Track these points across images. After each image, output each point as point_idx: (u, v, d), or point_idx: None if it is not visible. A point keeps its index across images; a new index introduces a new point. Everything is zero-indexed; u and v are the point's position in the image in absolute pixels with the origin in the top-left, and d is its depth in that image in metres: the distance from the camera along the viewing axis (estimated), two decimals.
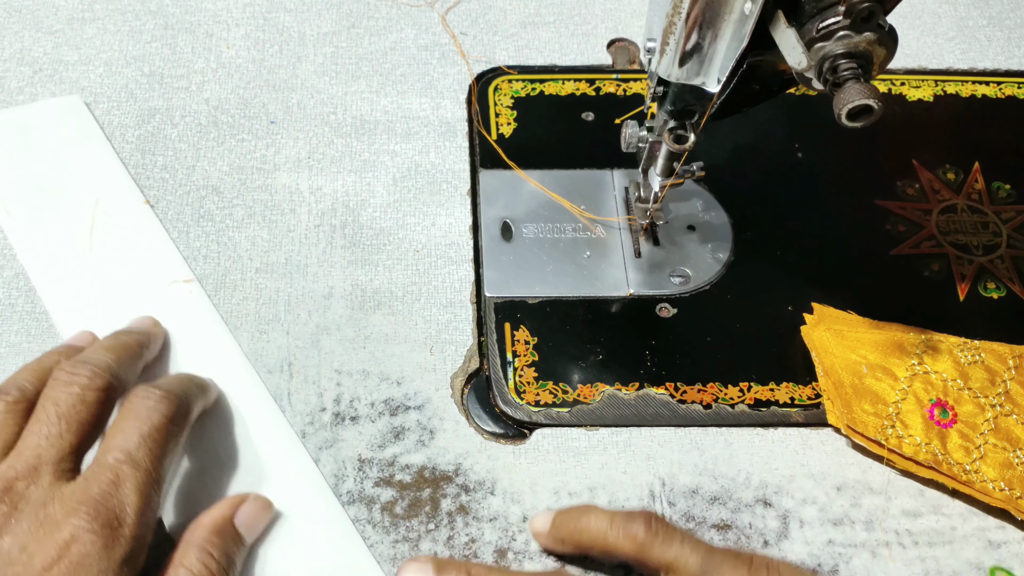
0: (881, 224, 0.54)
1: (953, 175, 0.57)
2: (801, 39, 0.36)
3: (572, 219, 0.53)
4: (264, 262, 0.51)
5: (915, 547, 0.44)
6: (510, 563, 0.42)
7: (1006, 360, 0.47)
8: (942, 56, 0.62)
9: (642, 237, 0.53)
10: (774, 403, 0.48)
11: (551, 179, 0.55)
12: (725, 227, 0.54)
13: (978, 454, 0.45)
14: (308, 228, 0.52)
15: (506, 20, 0.62)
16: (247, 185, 0.54)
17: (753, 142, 0.57)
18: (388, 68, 0.59)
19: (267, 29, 0.61)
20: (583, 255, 0.52)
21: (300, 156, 0.55)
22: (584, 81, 0.59)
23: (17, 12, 0.60)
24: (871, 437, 0.45)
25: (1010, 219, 0.55)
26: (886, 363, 0.47)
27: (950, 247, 0.54)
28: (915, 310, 0.50)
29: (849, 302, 0.50)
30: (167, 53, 0.59)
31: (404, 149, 0.56)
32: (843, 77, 0.36)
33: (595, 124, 0.58)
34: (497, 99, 0.58)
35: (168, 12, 0.61)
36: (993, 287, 0.52)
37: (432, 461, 0.45)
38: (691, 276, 0.52)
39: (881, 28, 0.36)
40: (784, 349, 0.49)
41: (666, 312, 0.51)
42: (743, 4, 0.37)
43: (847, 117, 0.36)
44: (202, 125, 0.56)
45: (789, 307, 0.51)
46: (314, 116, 0.57)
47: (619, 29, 0.62)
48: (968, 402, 0.46)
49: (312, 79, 0.58)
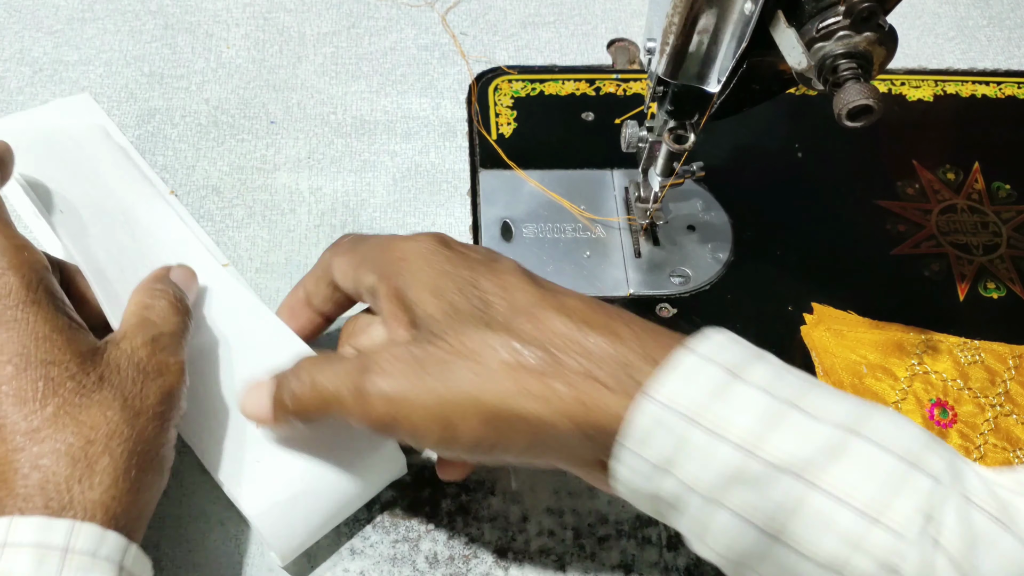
0: (881, 224, 0.54)
1: (953, 175, 0.57)
2: (801, 39, 0.36)
3: (572, 219, 0.53)
4: (264, 262, 0.51)
5: None
6: (510, 563, 0.42)
7: (1006, 360, 0.47)
8: (942, 56, 0.62)
9: (642, 237, 0.53)
10: None
11: (551, 179, 0.55)
12: (725, 227, 0.54)
13: (978, 454, 0.45)
14: (308, 228, 0.52)
15: (506, 20, 0.62)
16: (247, 185, 0.54)
17: (753, 142, 0.57)
18: (388, 68, 0.59)
19: (267, 29, 0.61)
20: (583, 255, 0.52)
21: (300, 156, 0.55)
22: (584, 81, 0.59)
23: (17, 12, 0.60)
24: None
25: (1010, 219, 0.55)
26: (886, 363, 0.47)
27: (950, 247, 0.54)
28: (915, 310, 0.50)
29: (849, 302, 0.50)
30: (167, 53, 0.59)
31: (404, 149, 0.56)
32: (843, 77, 0.36)
33: (595, 124, 0.58)
34: (497, 99, 0.58)
35: (168, 12, 0.61)
36: (993, 287, 0.52)
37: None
38: (691, 276, 0.52)
39: (881, 28, 0.36)
40: (784, 349, 0.49)
41: (666, 312, 0.51)
42: (743, 4, 0.37)
43: (847, 117, 0.36)
44: (202, 125, 0.56)
45: (789, 307, 0.51)
46: (314, 116, 0.57)
47: (619, 29, 0.62)
48: (968, 402, 0.46)
49: (312, 79, 0.58)
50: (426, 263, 0.36)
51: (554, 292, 0.35)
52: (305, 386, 0.36)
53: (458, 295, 0.35)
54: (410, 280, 0.36)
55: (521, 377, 0.32)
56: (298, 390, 0.36)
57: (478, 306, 0.35)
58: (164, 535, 0.42)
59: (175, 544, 0.42)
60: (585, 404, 0.32)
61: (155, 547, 0.41)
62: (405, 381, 0.34)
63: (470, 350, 0.33)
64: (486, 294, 0.35)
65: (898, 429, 0.31)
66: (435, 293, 0.35)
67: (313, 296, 0.42)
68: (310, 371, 0.36)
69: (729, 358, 0.32)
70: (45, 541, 0.31)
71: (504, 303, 0.35)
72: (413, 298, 0.36)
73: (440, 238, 0.38)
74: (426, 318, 0.35)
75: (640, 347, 0.33)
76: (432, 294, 0.35)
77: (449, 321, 0.34)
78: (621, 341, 0.33)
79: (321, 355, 0.38)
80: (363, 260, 0.38)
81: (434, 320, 0.35)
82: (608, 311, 0.35)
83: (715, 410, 0.30)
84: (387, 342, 0.36)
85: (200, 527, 0.42)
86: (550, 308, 0.34)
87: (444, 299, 0.35)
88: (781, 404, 0.31)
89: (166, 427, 0.36)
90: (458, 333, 0.34)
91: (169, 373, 0.37)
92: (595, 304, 0.35)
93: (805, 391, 0.31)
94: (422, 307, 0.35)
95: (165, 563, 0.41)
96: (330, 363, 0.36)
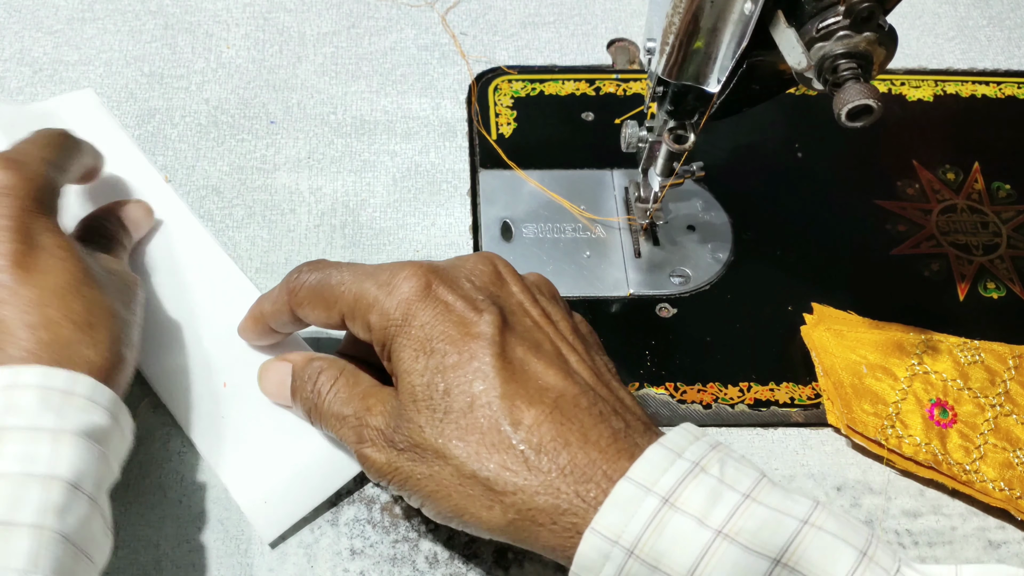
0: (881, 224, 0.54)
1: (953, 175, 0.57)
2: (801, 39, 0.36)
3: (572, 219, 0.53)
4: (264, 262, 0.51)
5: (915, 547, 0.44)
6: (510, 563, 0.42)
7: (1006, 360, 0.47)
8: (942, 56, 0.62)
9: (642, 237, 0.53)
10: (774, 403, 0.48)
11: (551, 179, 0.55)
12: (725, 227, 0.54)
13: (978, 454, 0.45)
14: (308, 228, 0.52)
15: (506, 20, 0.62)
16: (247, 185, 0.54)
17: (753, 142, 0.57)
18: (388, 68, 0.59)
19: (267, 29, 0.61)
20: (583, 255, 0.52)
21: (300, 156, 0.55)
22: (584, 81, 0.59)
23: (17, 12, 0.60)
24: (871, 437, 0.45)
25: (1010, 219, 0.55)
26: (886, 363, 0.47)
27: (950, 247, 0.54)
28: (915, 310, 0.50)
29: (849, 302, 0.50)
30: (167, 53, 0.59)
31: (404, 149, 0.56)
32: (843, 77, 0.36)
33: (595, 124, 0.58)
34: (497, 99, 0.58)
35: (168, 12, 0.61)
36: (993, 287, 0.52)
37: None
38: (691, 276, 0.52)
39: (881, 28, 0.36)
40: (784, 349, 0.49)
41: (666, 312, 0.51)
42: (743, 4, 0.37)
43: (847, 117, 0.36)
44: (202, 125, 0.56)
45: (789, 307, 0.51)
46: (314, 116, 0.57)
47: (619, 29, 0.62)
48: (968, 402, 0.46)
49: (312, 79, 0.58)
50: (415, 326, 0.37)
51: (519, 382, 0.36)
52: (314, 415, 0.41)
53: (426, 379, 0.36)
54: (402, 344, 0.37)
55: (474, 491, 0.35)
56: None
57: (441, 396, 0.36)
58: (164, 535, 0.42)
59: (175, 544, 0.42)
60: (533, 522, 0.34)
61: (155, 547, 0.41)
62: (386, 460, 0.37)
63: (426, 459, 0.36)
64: (450, 386, 0.36)
65: (826, 559, 0.32)
66: (410, 371, 0.37)
67: (270, 321, 0.43)
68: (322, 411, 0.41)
69: (669, 481, 0.33)
70: (48, 384, 0.35)
71: (462, 399, 0.36)
72: (398, 368, 0.38)
73: (425, 284, 0.38)
74: (404, 397, 0.37)
75: (588, 466, 0.34)
76: (408, 371, 0.37)
77: (416, 413, 0.36)
78: (569, 455, 0.34)
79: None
80: (355, 304, 0.39)
81: (406, 407, 0.37)
82: (568, 415, 0.35)
83: (651, 543, 0.32)
84: (380, 416, 0.38)
85: (200, 527, 0.42)
86: (507, 411, 0.35)
87: (418, 380, 0.37)
88: (712, 535, 0.32)
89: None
90: (422, 432, 0.36)
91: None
92: (557, 402, 0.35)
93: (740, 512, 0.32)
94: (402, 381, 0.37)
95: (165, 563, 0.41)
96: (339, 418, 0.40)
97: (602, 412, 0.36)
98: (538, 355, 0.37)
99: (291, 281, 0.41)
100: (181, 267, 0.49)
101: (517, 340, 0.37)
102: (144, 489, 0.42)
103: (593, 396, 0.36)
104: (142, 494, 0.42)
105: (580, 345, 0.39)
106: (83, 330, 0.37)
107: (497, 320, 0.37)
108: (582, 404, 0.35)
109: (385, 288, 0.38)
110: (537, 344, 0.37)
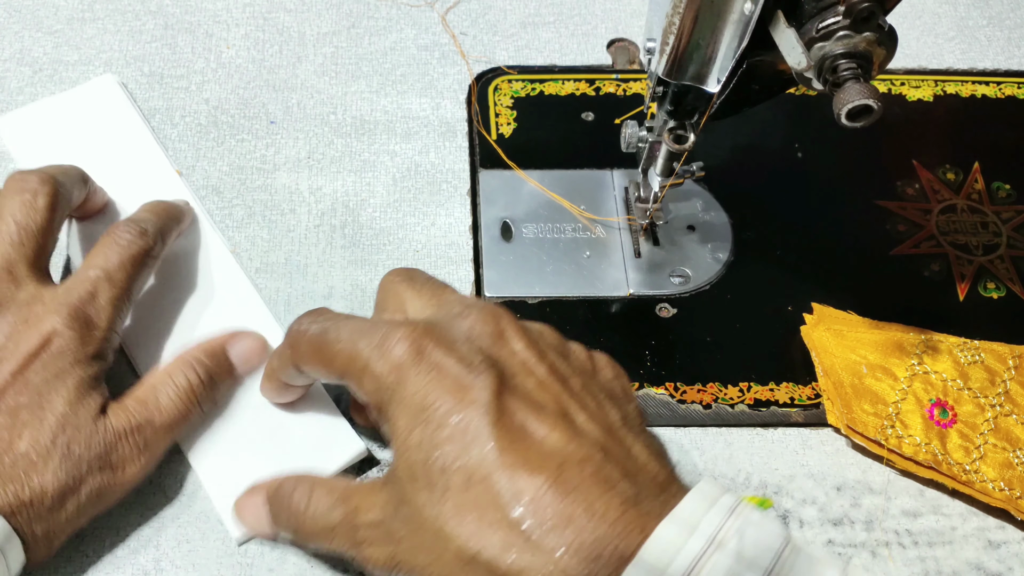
0: (881, 224, 0.54)
1: (953, 175, 0.57)
2: (801, 39, 0.36)
3: (572, 219, 0.53)
4: (264, 262, 0.51)
5: (915, 547, 0.44)
6: None
7: (1006, 360, 0.47)
8: (942, 56, 0.62)
9: (642, 237, 0.53)
10: (774, 403, 0.48)
11: (551, 179, 0.55)
12: (725, 227, 0.54)
13: (978, 454, 0.45)
14: (308, 228, 0.52)
15: (506, 20, 0.62)
16: (247, 185, 0.54)
17: (753, 142, 0.57)
18: (388, 68, 0.59)
19: (267, 29, 0.61)
20: (583, 255, 0.52)
21: (300, 156, 0.55)
22: (584, 81, 0.59)
23: (17, 12, 0.60)
24: (871, 437, 0.45)
25: (1010, 219, 0.55)
26: (886, 363, 0.47)
27: (950, 247, 0.54)
28: (915, 310, 0.50)
29: (849, 302, 0.50)
30: (167, 53, 0.59)
31: (404, 149, 0.56)
32: (843, 77, 0.36)
33: (595, 124, 0.58)
34: (497, 99, 0.58)
35: (168, 12, 0.61)
36: (993, 287, 0.52)
37: None
38: (691, 276, 0.52)
39: (881, 28, 0.36)
40: (784, 349, 0.49)
41: (666, 312, 0.51)
42: (743, 4, 0.37)
43: (847, 117, 0.36)
44: (202, 125, 0.56)
45: (789, 307, 0.51)
46: (314, 116, 0.57)
47: (619, 29, 0.62)
48: (968, 402, 0.46)
49: (312, 79, 0.58)
50: (409, 392, 0.35)
51: (518, 450, 0.33)
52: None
53: (423, 455, 0.34)
54: (396, 411, 0.35)
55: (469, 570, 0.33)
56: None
57: (439, 473, 0.34)
58: (164, 535, 0.42)
59: (175, 544, 0.42)
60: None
61: (155, 547, 0.41)
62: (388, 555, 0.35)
63: (427, 545, 0.34)
64: (448, 461, 0.34)
65: None
66: (407, 447, 0.35)
67: (282, 376, 0.42)
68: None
69: (682, 563, 0.31)
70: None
71: (460, 474, 0.33)
72: (395, 441, 0.36)
73: (418, 349, 0.35)
74: (403, 475, 0.35)
75: (595, 543, 0.32)
76: (405, 447, 0.35)
77: (415, 493, 0.34)
78: (575, 532, 0.32)
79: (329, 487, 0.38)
80: (350, 365, 0.37)
81: (405, 487, 0.35)
82: (571, 485, 0.33)
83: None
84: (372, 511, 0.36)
85: (200, 527, 0.42)
86: (507, 483, 0.33)
87: (415, 457, 0.34)
88: None
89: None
90: (422, 512, 0.34)
91: (122, 469, 0.40)
92: (560, 468, 0.33)
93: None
94: (400, 458, 0.35)
95: (165, 563, 0.41)
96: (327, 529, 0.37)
97: (609, 478, 0.33)
98: (540, 417, 0.34)
99: (292, 334, 0.39)
100: (186, 263, 0.49)
101: (518, 403, 0.34)
102: (144, 489, 0.42)
103: (601, 459, 0.34)
104: (142, 494, 0.42)
105: (592, 401, 0.36)
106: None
107: (493, 383, 0.34)
108: (587, 470, 0.33)
109: (378, 351, 0.36)
110: (540, 405, 0.35)
